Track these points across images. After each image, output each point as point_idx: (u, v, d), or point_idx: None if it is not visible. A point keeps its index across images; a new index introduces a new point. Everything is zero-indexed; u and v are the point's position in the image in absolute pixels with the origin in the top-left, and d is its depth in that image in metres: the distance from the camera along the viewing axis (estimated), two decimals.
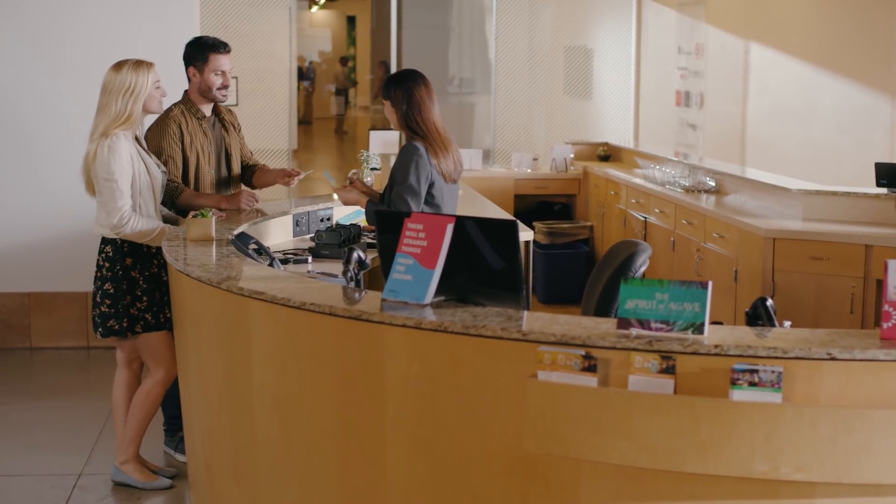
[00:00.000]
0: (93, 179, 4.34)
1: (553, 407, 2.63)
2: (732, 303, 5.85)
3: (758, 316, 2.98)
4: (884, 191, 5.90)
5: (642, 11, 10.44)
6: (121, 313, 4.35)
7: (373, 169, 6.41)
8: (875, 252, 5.27)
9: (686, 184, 7.25)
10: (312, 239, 4.96)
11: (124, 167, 4.27)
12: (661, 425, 2.53)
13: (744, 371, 2.50)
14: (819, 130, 8.58)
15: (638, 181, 7.79)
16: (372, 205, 4.27)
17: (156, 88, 4.37)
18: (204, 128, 4.80)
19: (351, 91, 25.07)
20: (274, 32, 9.57)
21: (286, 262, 4.53)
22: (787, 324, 2.88)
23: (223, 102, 4.88)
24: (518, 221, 3.17)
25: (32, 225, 6.64)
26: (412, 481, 2.93)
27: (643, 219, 7.46)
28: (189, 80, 4.80)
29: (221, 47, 4.77)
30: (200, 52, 4.75)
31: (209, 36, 4.87)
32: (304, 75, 22.35)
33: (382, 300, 3.02)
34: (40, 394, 5.93)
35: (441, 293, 3.04)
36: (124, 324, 4.36)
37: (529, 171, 8.99)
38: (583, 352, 2.62)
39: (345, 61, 25.17)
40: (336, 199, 5.25)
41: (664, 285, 2.64)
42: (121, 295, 4.35)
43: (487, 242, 3.02)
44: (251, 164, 5.11)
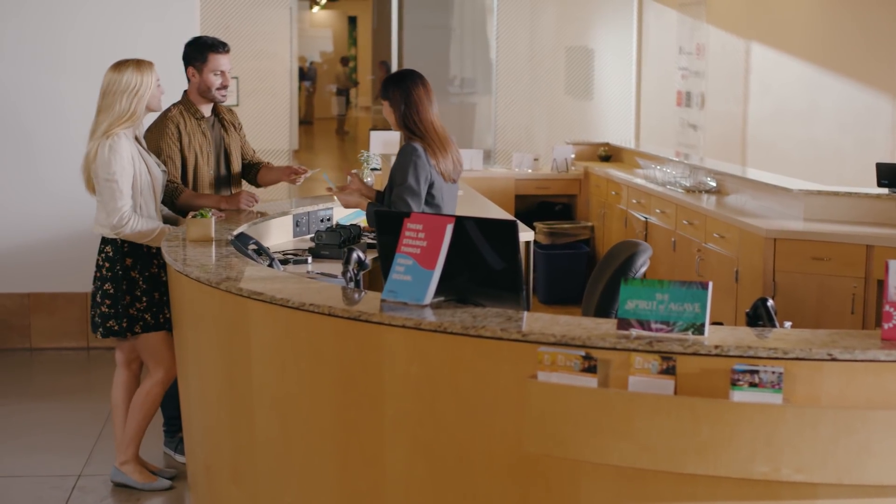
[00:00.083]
0: (93, 179, 4.34)
1: (553, 408, 2.62)
2: (733, 303, 5.84)
3: (758, 316, 2.97)
4: (885, 191, 5.89)
5: (643, 12, 10.43)
6: (120, 313, 4.34)
7: (373, 169, 6.40)
8: (876, 252, 5.26)
9: (687, 184, 7.24)
10: (312, 239, 4.95)
11: (125, 167, 4.26)
12: (662, 426, 2.52)
13: (744, 372, 2.49)
14: (821, 131, 8.57)
15: (639, 181, 7.78)
16: (372, 206, 4.26)
17: (157, 87, 4.38)
18: (203, 128, 4.80)
19: (352, 91, 25.08)
20: (275, 33, 9.57)
21: (286, 263, 4.52)
22: (788, 324, 2.87)
23: (223, 102, 4.87)
24: (518, 221, 3.16)
25: (32, 225, 6.64)
26: (412, 482, 2.92)
27: (644, 219, 7.46)
28: (188, 81, 4.80)
29: (220, 47, 4.76)
30: (199, 52, 4.74)
31: (208, 36, 4.87)
32: (305, 75, 22.35)
33: (382, 301, 3.01)
34: (40, 395, 5.93)
35: (441, 294, 3.03)
36: (124, 324, 4.35)
37: (530, 172, 8.98)
38: (583, 352, 2.61)
39: (346, 61, 25.18)
40: (336, 200, 5.25)
41: (664, 286, 2.63)
42: (120, 295, 4.34)
43: (487, 243, 3.01)
44: (255, 162, 5.10)
